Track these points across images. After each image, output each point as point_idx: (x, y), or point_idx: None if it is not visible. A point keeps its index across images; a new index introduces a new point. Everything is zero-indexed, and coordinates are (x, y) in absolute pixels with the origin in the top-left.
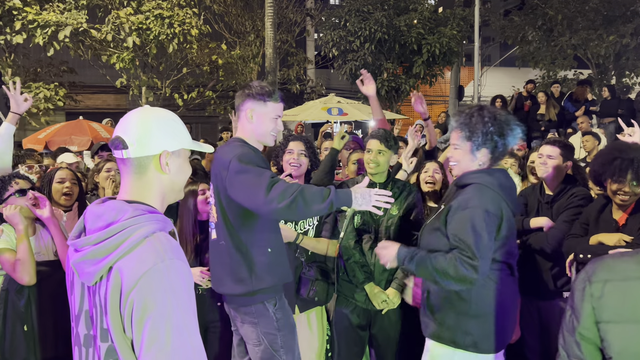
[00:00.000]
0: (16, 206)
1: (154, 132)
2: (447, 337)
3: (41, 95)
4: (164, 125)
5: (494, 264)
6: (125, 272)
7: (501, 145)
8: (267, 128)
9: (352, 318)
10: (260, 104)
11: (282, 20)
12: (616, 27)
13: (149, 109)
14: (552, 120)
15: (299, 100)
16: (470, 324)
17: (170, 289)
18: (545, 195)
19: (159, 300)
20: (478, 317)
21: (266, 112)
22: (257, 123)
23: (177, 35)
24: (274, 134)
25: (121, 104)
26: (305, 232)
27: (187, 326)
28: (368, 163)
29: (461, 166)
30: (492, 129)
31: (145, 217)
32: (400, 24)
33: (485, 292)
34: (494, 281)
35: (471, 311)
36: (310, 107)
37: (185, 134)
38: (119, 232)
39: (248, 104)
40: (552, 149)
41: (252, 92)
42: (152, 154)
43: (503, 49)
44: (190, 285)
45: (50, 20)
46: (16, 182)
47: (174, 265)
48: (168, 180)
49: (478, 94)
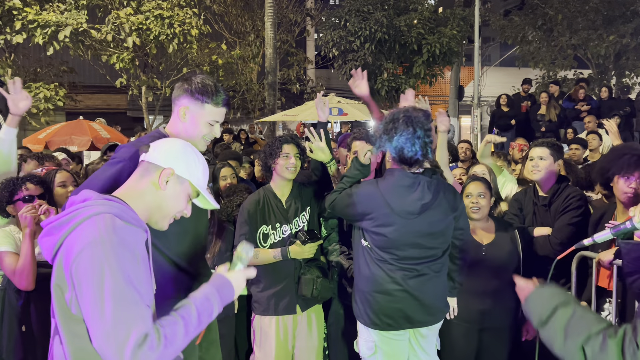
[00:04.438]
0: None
1: (174, 152)
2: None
3: (41, 95)
4: (188, 155)
5: (374, 252)
6: (69, 247)
7: (385, 149)
8: (199, 132)
9: (349, 319)
10: (197, 104)
11: (282, 20)
12: (616, 27)
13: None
14: (553, 120)
15: (299, 100)
16: (356, 295)
17: (106, 261)
18: (539, 197)
19: (96, 271)
20: (358, 290)
21: (201, 114)
22: (189, 124)
23: (177, 35)
24: (207, 140)
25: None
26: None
27: (126, 296)
28: None
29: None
30: (382, 131)
31: (102, 202)
32: (400, 24)
33: (365, 271)
34: (375, 267)
35: (356, 283)
36: (310, 107)
37: (201, 178)
38: (73, 211)
39: (183, 101)
40: (542, 150)
41: (191, 89)
42: (160, 165)
43: (503, 49)
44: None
45: (50, 20)
46: (26, 188)
47: (112, 239)
48: (159, 199)
49: (478, 94)
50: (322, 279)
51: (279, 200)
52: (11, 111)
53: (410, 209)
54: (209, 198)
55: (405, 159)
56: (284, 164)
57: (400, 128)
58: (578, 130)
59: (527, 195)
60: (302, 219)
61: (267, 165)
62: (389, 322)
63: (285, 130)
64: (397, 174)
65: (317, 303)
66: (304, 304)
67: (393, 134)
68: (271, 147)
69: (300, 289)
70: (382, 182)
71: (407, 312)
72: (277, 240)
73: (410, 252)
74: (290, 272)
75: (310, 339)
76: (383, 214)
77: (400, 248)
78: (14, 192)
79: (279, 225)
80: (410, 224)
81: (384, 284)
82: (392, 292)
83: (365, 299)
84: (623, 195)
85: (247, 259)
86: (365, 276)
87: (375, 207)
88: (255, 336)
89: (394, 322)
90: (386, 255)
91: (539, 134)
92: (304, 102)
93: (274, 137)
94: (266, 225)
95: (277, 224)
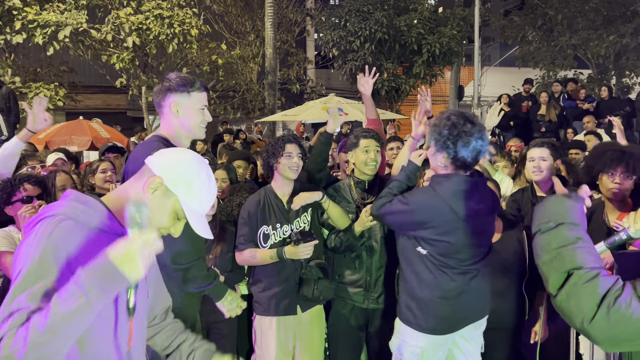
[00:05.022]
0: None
1: (174, 162)
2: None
3: (41, 95)
4: (190, 172)
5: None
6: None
7: (453, 153)
8: (195, 120)
9: (350, 319)
10: (184, 95)
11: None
12: (616, 27)
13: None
14: (553, 120)
15: (299, 100)
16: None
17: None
18: (538, 197)
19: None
20: (415, 298)
21: (192, 103)
22: (185, 117)
23: (177, 35)
24: (202, 126)
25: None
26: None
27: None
28: (367, 163)
29: (431, 166)
30: (447, 136)
31: (67, 202)
32: (400, 24)
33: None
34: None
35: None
36: (310, 107)
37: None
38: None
39: (171, 98)
40: (542, 151)
41: (173, 85)
42: (154, 170)
43: (503, 49)
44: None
45: (50, 20)
46: (25, 189)
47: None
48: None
49: (478, 94)
50: (323, 279)
51: (280, 200)
52: (28, 127)
53: (473, 212)
54: (197, 225)
55: (466, 164)
56: (286, 164)
57: (467, 134)
58: (578, 130)
59: (524, 195)
60: (303, 219)
61: (269, 165)
62: (448, 325)
63: (285, 130)
64: (455, 179)
65: (318, 303)
66: (305, 304)
67: (462, 139)
68: (274, 147)
69: (302, 290)
70: (440, 188)
71: (467, 312)
72: (277, 241)
73: (469, 253)
74: (291, 273)
75: (310, 339)
76: (447, 220)
77: (462, 251)
78: (12, 193)
79: (280, 226)
80: (468, 226)
81: (450, 288)
82: (458, 295)
83: (425, 305)
84: (608, 191)
85: (139, 223)
86: (428, 283)
87: (437, 215)
88: (256, 336)
89: (453, 324)
90: (450, 261)
91: (538, 134)
92: (304, 102)
93: (276, 137)
94: (267, 225)
95: (277, 224)
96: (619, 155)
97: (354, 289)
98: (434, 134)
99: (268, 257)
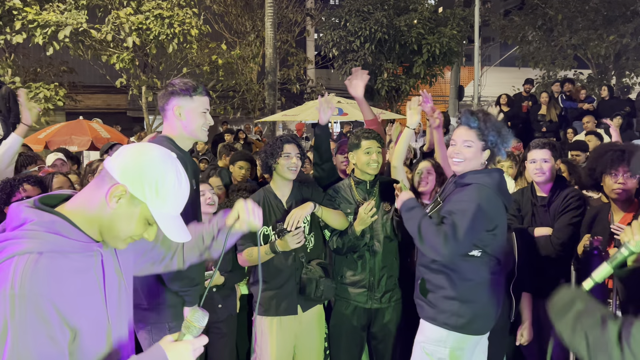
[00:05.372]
0: None
1: (137, 165)
2: (441, 320)
3: (41, 95)
4: (150, 172)
5: (486, 257)
6: None
7: (498, 150)
8: (197, 123)
9: (352, 319)
10: (187, 99)
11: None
12: (616, 27)
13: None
14: (553, 120)
15: (299, 100)
16: (463, 308)
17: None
18: (538, 198)
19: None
20: (469, 302)
21: (194, 107)
22: (187, 120)
23: (177, 35)
24: (204, 129)
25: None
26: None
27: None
28: (370, 164)
29: (468, 164)
30: (497, 133)
31: (33, 233)
32: (400, 24)
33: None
34: (486, 271)
35: (463, 297)
36: (310, 107)
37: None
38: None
39: (174, 102)
40: (544, 152)
41: (176, 89)
42: (115, 178)
43: (503, 49)
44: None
45: (50, 20)
46: (24, 189)
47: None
48: (109, 217)
49: (478, 94)
50: (324, 279)
51: (280, 200)
52: (23, 121)
53: (508, 206)
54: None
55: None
56: (285, 164)
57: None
58: (578, 130)
59: (524, 196)
60: (302, 219)
61: (267, 165)
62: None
63: (285, 130)
64: (496, 174)
65: (318, 303)
66: (305, 304)
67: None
68: (272, 147)
69: (303, 290)
70: (490, 183)
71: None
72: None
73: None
74: (292, 273)
75: (310, 339)
76: (502, 215)
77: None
78: (11, 194)
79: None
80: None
81: (494, 288)
82: (499, 292)
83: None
84: (612, 192)
85: (198, 329)
86: (477, 284)
87: (500, 212)
88: (256, 336)
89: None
90: (493, 261)
91: (539, 134)
92: (304, 102)
93: (275, 137)
94: (266, 226)
95: (277, 224)
96: (620, 155)
97: (356, 289)
98: (491, 131)
99: (264, 253)
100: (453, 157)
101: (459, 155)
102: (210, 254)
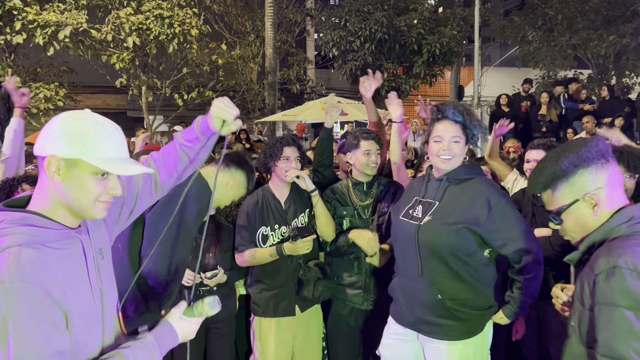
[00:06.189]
0: None
1: (50, 132)
2: (465, 331)
3: (41, 95)
4: (69, 129)
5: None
6: None
7: (475, 145)
8: None
9: (349, 320)
10: None
11: (282, 20)
12: (616, 27)
13: (76, 112)
14: (553, 121)
15: (299, 100)
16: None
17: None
18: (538, 198)
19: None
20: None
21: None
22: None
23: (177, 35)
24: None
25: (121, 104)
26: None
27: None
28: (369, 165)
29: (457, 160)
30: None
31: (8, 229)
32: (400, 24)
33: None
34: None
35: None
36: (310, 107)
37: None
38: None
39: None
40: (538, 153)
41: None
42: (42, 155)
43: (503, 49)
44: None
45: (50, 20)
46: (23, 189)
47: (14, 287)
48: (63, 192)
49: (478, 94)
50: (322, 279)
51: (278, 201)
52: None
53: None
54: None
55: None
56: (284, 167)
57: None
58: (578, 130)
59: (525, 196)
60: (301, 220)
61: (266, 167)
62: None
63: (285, 130)
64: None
65: (316, 303)
66: (303, 305)
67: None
68: (271, 149)
69: (301, 291)
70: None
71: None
72: (276, 242)
73: None
74: (289, 274)
75: (309, 339)
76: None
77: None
78: (10, 193)
79: (278, 227)
80: None
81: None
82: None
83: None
84: None
85: (205, 316)
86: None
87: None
88: (254, 337)
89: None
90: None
91: (539, 134)
92: (304, 102)
93: (275, 139)
94: (265, 226)
95: (276, 225)
96: (618, 156)
97: (352, 290)
98: (479, 126)
99: (268, 255)
100: (441, 155)
101: (449, 151)
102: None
